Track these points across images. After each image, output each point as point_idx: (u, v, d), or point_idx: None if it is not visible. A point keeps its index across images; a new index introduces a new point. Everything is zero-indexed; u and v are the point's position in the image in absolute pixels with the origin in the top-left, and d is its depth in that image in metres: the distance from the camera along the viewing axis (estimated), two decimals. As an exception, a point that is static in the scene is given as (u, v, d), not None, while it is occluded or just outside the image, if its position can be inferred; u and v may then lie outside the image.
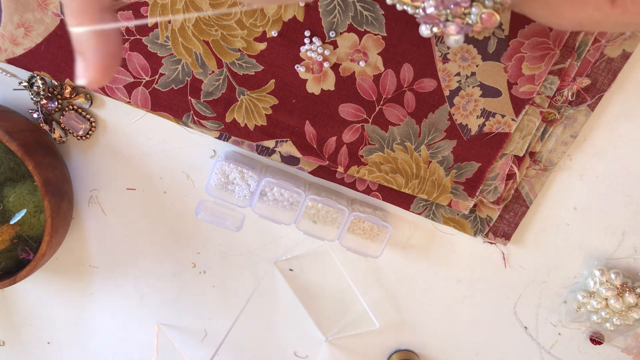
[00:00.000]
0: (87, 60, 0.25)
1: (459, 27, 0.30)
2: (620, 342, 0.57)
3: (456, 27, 0.30)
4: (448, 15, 0.29)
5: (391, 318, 0.60)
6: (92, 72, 0.25)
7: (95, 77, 0.25)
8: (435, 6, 0.29)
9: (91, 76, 0.25)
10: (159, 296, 0.61)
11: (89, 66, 0.25)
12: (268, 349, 0.63)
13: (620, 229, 0.54)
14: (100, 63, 0.25)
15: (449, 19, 0.30)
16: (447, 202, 0.51)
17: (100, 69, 0.25)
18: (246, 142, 0.51)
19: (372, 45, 0.46)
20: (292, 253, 0.58)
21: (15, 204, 0.51)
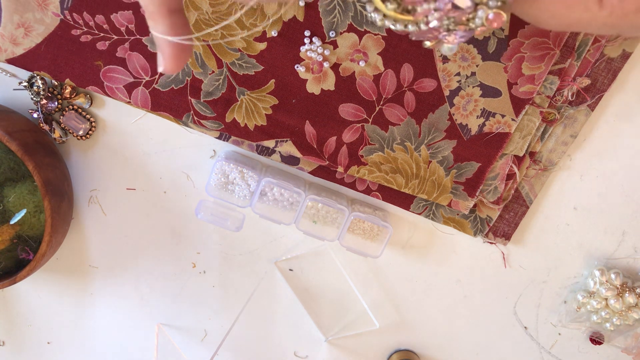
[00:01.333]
0: (163, 53, 0.31)
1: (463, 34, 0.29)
2: (620, 342, 0.57)
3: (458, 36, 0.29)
4: (450, 24, 0.28)
5: (391, 318, 0.60)
6: (167, 62, 0.31)
7: (170, 66, 0.31)
8: (439, 18, 0.28)
9: (167, 64, 0.31)
10: (159, 296, 0.61)
11: (164, 57, 0.31)
12: (268, 349, 0.63)
13: (620, 229, 0.54)
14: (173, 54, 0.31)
15: (450, 28, 0.28)
16: (447, 202, 0.51)
17: (173, 58, 0.31)
18: (246, 142, 0.51)
19: (372, 45, 0.46)
20: (292, 253, 0.58)
21: (15, 204, 0.51)
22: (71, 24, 0.47)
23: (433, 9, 0.28)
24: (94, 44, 0.48)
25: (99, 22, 0.47)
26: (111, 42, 0.48)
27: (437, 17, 0.28)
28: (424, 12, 0.28)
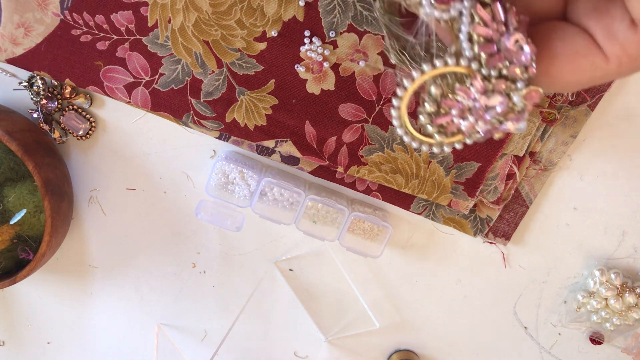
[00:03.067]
0: None
1: (517, 117, 0.29)
2: (620, 342, 0.57)
3: (515, 121, 0.29)
4: (497, 119, 0.29)
5: (391, 318, 0.60)
6: None
7: None
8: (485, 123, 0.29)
9: None
10: (159, 296, 0.61)
11: None
12: (268, 349, 0.63)
13: (620, 229, 0.54)
14: None
15: (500, 120, 0.29)
16: (447, 202, 0.51)
17: None
18: (246, 142, 0.51)
19: (372, 45, 0.46)
20: (292, 253, 0.58)
21: (15, 204, 0.51)
22: (71, 24, 0.47)
23: (475, 121, 0.29)
24: (94, 44, 0.48)
25: (99, 22, 0.47)
26: (111, 42, 0.48)
27: (483, 128, 0.29)
28: (470, 128, 0.29)
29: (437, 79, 0.29)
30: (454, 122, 0.29)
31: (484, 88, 0.28)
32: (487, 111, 0.28)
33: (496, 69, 0.28)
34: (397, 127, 0.31)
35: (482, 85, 0.28)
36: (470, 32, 0.28)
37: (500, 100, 0.28)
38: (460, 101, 0.28)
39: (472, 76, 0.28)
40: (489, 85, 0.28)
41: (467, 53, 0.28)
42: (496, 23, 0.27)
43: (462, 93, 0.28)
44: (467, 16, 0.27)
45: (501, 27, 0.27)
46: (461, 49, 0.28)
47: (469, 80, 0.28)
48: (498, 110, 0.28)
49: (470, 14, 0.27)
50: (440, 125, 0.29)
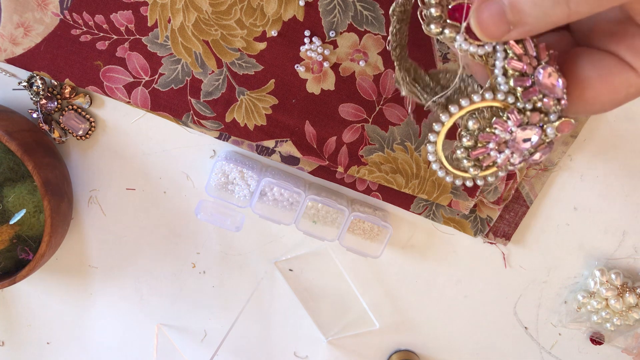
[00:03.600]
0: None
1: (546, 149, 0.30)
2: (621, 343, 0.57)
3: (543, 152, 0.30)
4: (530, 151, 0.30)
5: (391, 318, 0.60)
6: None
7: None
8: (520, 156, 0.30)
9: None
10: (159, 296, 0.61)
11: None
12: (268, 349, 0.63)
13: (620, 229, 0.54)
14: None
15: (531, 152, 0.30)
16: (447, 202, 0.51)
17: None
18: (246, 142, 0.51)
19: (372, 44, 0.46)
20: (292, 253, 0.58)
21: (15, 204, 0.51)
22: (71, 24, 0.47)
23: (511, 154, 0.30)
24: (93, 44, 0.48)
25: (98, 22, 0.47)
26: (111, 42, 0.48)
27: (517, 160, 0.30)
28: (505, 161, 0.30)
29: (474, 113, 0.30)
30: (490, 155, 0.30)
31: (520, 121, 0.29)
32: (523, 143, 0.29)
33: (531, 102, 0.28)
34: (432, 162, 0.32)
35: (519, 118, 0.28)
36: (505, 67, 0.28)
37: (536, 133, 0.29)
38: (498, 134, 0.29)
39: (508, 109, 0.29)
40: (525, 118, 0.29)
41: (503, 87, 0.28)
42: (529, 57, 0.28)
43: (500, 126, 0.29)
44: (501, 51, 0.28)
45: (534, 61, 0.28)
46: (497, 83, 0.29)
47: (505, 113, 0.29)
48: (533, 142, 0.29)
49: (504, 49, 0.28)
50: (475, 159, 0.30)
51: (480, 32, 0.27)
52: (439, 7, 0.29)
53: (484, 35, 0.27)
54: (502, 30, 0.26)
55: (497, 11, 0.26)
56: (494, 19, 0.26)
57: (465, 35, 0.28)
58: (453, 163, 0.31)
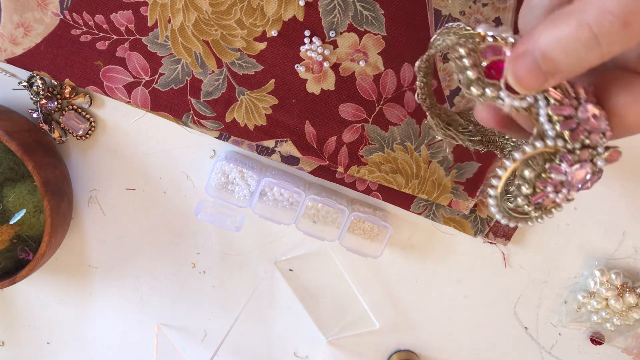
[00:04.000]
0: None
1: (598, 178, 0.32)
2: (621, 343, 0.57)
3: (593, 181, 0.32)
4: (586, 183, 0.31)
5: (391, 318, 0.60)
6: None
7: None
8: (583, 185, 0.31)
9: None
10: (159, 296, 0.61)
11: None
12: (268, 349, 0.63)
13: (620, 229, 0.54)
14: None
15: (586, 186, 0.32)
16: (447, 202, 0.51)
17: None
18: (246, 142, 0.51)
19: (372, 45, 0.46)
20: (292, 253, 0.58)
21: (15, 204, 0.51)
22: (71, 24, 0.47)
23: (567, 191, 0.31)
24: (93, 44, 0.48)
25: (98, 22, 0.47)
26: (111, 42, 0.48)
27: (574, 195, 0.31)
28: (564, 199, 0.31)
29: (528, 161, 0.31)
30: (550, 197, 0.31)
31: (572, 161, 0.30)
32: (578, 181, 0.31)
33: (579, 141, 0.30)
34: (494, 212, 0.33)
35: (571, 159, 0.30)
36: (549, 113, 0.30)
37: (588, 168, 0.30)
38: (554, 178, 0.31)
39: (560, 153, 0.30)
40: (575, 157, 0.30)
41: (551, 133, 0.30)
42: (569, 99, 0.29)
43: (555, 171, 0.30)
44: (542, 99, 0.29)
45: (574, 102, 0.29)
46: (544, 130, 0.30)
47: (557, 157, 0.30)
48: (587, 178, 0.31)
49: (544, 97, 0.29)
50: (537, 203, 0.32)
51: (519, 87, 0.28)
52: (475, 68, 0.29)
53: (523, 90, 0.28)
54: (540, 82, 0.27)
55: (531, 65, 0.27)
56: (530, 73, 0.27)
57: (507, 92, 0.29)
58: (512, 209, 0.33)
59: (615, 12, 0.24)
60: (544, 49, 0.26)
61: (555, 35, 0.26)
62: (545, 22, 0.26)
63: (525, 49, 0.27)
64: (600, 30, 0.24)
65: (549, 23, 0.26)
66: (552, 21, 0.26)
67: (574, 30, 0.25)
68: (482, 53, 0.30)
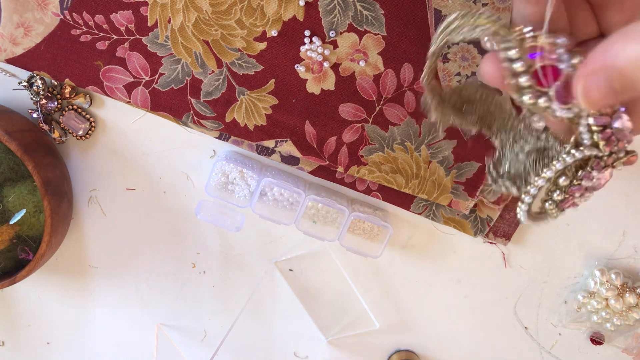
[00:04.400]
0: None
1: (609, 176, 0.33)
2: (621, 343, 0.57)
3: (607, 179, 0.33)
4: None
5: (391, 318, 0.60)
6: None
7: None
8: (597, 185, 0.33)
9: None
10: (159, 296, 0.61)
11: None
12: (268, 349, 0.63)
13: (620, 229, 0.54)
14: None
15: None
16: (447, 202, 0.51)
17: None
18: (246, 142, 0.51)
19: (372, 44, 0.46)
20: (292, 253, 0.58)
21: (15, 204, 0.51)
22: (71, 24, 0.47)
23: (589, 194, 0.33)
24: (93, 44, 0.48)
25: (98, 22, 0.47)
26: (111, 42, 0.48)
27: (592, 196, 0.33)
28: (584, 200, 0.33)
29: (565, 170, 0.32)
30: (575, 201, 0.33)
31: (600, 168, 0.31)
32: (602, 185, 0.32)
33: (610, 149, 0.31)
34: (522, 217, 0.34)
35: (600, 166, 0.31)
36: (590, 123, 0.30)
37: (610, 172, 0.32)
38: (584, 184, 0.32)
39: (592, 161, 0.31)
40: (603, 163, 0.31)
41: (587, 142, 0.30)
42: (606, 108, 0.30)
43: (587, 178, 0.32)
44: (585, 110, 0.29)
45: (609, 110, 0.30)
46: (581, 139, 0.31)
47: (589, 164, 0.31)
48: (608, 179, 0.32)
49: None
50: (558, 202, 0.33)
51: (586, 103, 0.27)
52: (527, 74, 0.28)
53: (590, 106, 0.27)
54: (611, 101, 0.26)
55: (605, 84, 0.25)
56: (602, 91, 0.25)
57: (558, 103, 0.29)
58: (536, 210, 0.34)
59: None
60: (622, 68, 0.24)
61: (633, 55, 0.24)
62: (622, 37, 0.24)
63: (599, 66, 0.25)
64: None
65: (626, 38, 0.24)
66: (629, 36, 0.24)
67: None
68: (529, 53, 0.28)
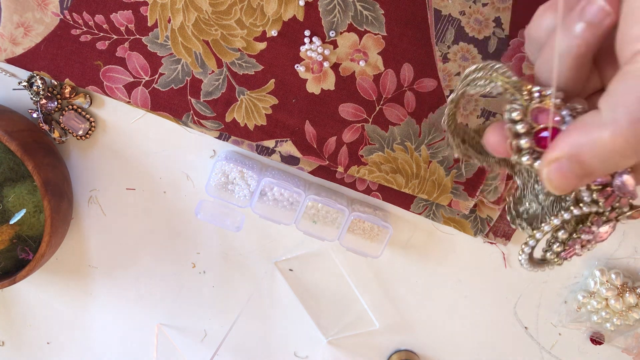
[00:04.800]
0: None
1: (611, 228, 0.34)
2: (621, 343, 0.57)
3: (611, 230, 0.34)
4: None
5: (391, 318, 0.60)
6: None
7: None
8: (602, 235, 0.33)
9: None
10: (159, 296, 0.61)
11: None
12: (268, 349, 0.63)
13: (620, 229, 0.54)
14: None
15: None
16: (447, 202, 0.51)
17: None
18: (246, 142, 0.51)
19: (372, 44, 0.46)
20: (292, 253, 0.58)
21: (15, 204, 0.51)
22: (71, 24, 0.47)
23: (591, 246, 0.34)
24: (93, 44, 0.48)
25: (98, 22, 0.47)
26: (111, 41, 0.48)
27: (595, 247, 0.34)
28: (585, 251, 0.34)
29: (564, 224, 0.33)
30: (576, 251, 0.34)
31: (601, 223, 0.32)
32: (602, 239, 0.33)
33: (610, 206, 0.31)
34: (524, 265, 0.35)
35: (600, 221, 0.32)
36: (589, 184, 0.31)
37: (611, 226, 0.32)
38: (583, 238, 0.33)
39: (592, 217, 0.32)
40: (604, 218, 0.32)
41: (587, 199, 0.31)
42: None
43: (585, 233, 0.32)
44: None
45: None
46: (581, 197, 0.31)
47: (589, 220, 0.32)
48: (610, 233, 0.33)
49: None
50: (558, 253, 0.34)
51: (553, 189, 0.29)
52: (528, 137, 0.29)
53: (556, 191, 0.29)
54: (574, 185, 0.28)
55: (566, 170, 0.27)
56: (564, 178, 0.28)
57: None
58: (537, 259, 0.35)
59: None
60: (578, 157, 0.26)
61: (590, 145, 0.26)
62: (578, 128, 0.27)
63: (559, 154, 0.27)
64: (635, 139, 0.25)
65: (581, 130, 0.26)
66: (584, 129, 0.26)
67: (609, 142, 0.25)
68: (533, 115, 0.29)
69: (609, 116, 0.25)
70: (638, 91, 0.24)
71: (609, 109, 0.26)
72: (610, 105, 0.26)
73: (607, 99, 0.26)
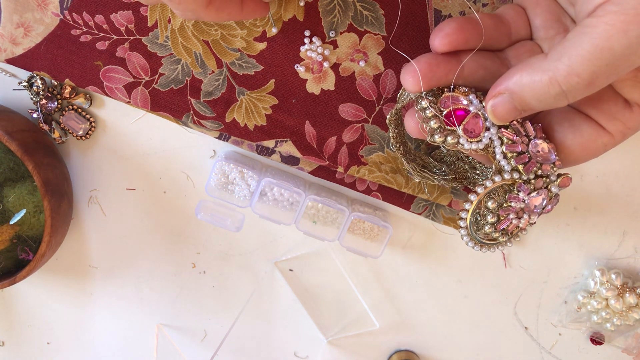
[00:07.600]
0: None
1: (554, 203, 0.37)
2: (621, 343, 0.57)
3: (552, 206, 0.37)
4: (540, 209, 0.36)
5: (391, 318, 0.60)
6: None
7: None
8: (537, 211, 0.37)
9: None
10: (159, 296, 0.61)
11: None
12: (268, 349, 0.63)
13: (620, 229, 0.54)
14: None
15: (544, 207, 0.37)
16: (447, 202, 0.51)
17: None
18: (246, 142, 0.51)
19: (372, 45, 0.46)
20: (292, 253, 0.58)
21: (15, 204, 0.51)
22: (71, 24, 0.47)
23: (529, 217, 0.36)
24: (93, 44, 0.48)
25: (98, 22, 0.47)
26: (111, 42, 0.48)
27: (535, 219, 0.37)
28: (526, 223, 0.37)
29: (491, 194, 0.36)
30: (513, 222, 0.36)
31: (528, 190, 0.34)
32: (536, 207, 0.35)
33: (532, 172, 0.34)
34: (467, 241, 0.38)
35: (527, 188, 0.34)
36: (504, 151, 0.34)
37: (543, 195, 0.35)
38: (514, 206, 0.35)
39: (517, 184, 0.34)
40: (531, 186, 0.34)
41: (507, 167, 0.34)
42: (520, 137, 0.34)
43: (514, 200, 0.35)
44: (497, 139, 0.34)
45: (525, 139, 0.34)
46: (500, 166, 0.35)
47: (515, 187, 0.35)
48: (543, 203, 0.35)
49: (499, 137, 0.34)
50: (502, 229, 0.36)
51: (494, 118, 0.34)
52: (436, 118, 0.34)
53: (498, 120, 0.34)
54: (513, 116, 0.33)
55: (507, 102, 0.32)
56: (505, 108, 0.33)
57: (465, 137, 0.34)
58: (482, 236, 0.38)
59: (582, 74, 0.28)
60: (518, 93, 0.31)
61: (529, 85, 0.30)
62: (523, 68, 0.31)
63: (502, 88, 0.32)
64: (567, 88, 0.29)
65: (526, 70, 0.31)
66: (528, 70, 0.31)
67: (546, 85, 0.30)
68: (442, 103, 0.35)
69: (551, 64, 0.29)
70: (584, 48, 0.28)
71: (555, 57, 0.29)
72: (557, 54, 0.29)
73: (557, 47, 0.29)
